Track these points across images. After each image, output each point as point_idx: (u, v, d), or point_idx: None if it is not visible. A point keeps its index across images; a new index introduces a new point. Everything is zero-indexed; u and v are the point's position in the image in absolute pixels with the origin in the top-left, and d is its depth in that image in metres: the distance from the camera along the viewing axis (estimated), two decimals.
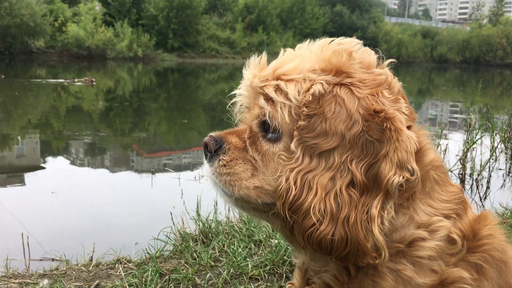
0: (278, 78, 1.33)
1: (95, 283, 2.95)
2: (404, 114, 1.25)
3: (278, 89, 1.32)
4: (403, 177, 1.18)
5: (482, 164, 7.38)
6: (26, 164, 8.77)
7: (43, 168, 8.40)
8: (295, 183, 1.22)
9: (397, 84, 1.36)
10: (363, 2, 77.10)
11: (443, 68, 68.81)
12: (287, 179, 1.24)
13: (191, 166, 8.61)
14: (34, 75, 29.20)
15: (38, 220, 5.57)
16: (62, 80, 24.36)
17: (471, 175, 7.35)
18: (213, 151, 1.40)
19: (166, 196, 6.85)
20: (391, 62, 1.42)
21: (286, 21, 64.62)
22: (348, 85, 1.26)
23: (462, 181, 7.20)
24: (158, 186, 7.56)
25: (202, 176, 7.81)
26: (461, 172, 7.38)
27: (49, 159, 9.35)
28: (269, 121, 1.33)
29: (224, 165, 1.37)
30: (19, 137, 10.98)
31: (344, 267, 1.31)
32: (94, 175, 8.30)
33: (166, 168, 8.57)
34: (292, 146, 1.26)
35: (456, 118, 16.36)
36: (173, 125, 13.58)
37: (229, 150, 1.39)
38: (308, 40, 1.43)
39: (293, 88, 1.29)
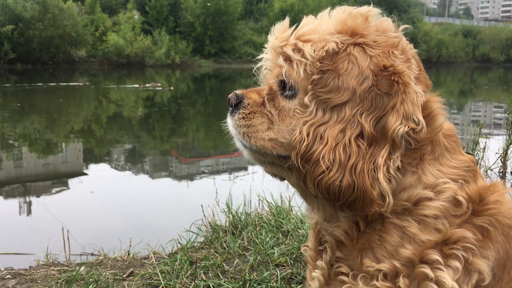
0: (297, 38, 1.42)
1: (129, 271, 3.07)
2: (414, 72, 1.30)
3: (295, 48, 1.40)
4: (408, 127, 1.24)
5: None
6: (70, 170, 9.07)
7: (86, 173, 8.68)
8: (307, 134, 1.30)
9: (411, 50, 1.40)
10: (401, 3, 75.84)
11: (485, 67, 66.95)
12: (300, 131, 1.32)
13: (229, 170, 8.70)
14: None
15: (79, 221, 5.78)
16: (136, 86, 26.95)
17: None
18: (234, 105, 1.51)
19: (201, 196, 6.97)
20: (405, 27, 1.47)
21: None
22: (361, 44, 1.33)
23: (503, 179, 7.02)
24: (195, 188, 7.72)
25: (236, 176, 7.93)
26: (501, 170, 7.19)
27: (91, 164, 9.65)
28: (285, 79, 1.41)
29: (243, 118, 1.47)
30: (63, 144, 11.39)
31: (354, 222, 1.36)
32: (134, 180, 8.51)
33: (203, 171, 8.72)
34: (306, 100, 1.34)
35: (500, 119, 15.88)
36: (210, 130, 13.71)
37: (249, 104, 1.49)
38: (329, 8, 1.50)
39: (310, 47, 1.37)
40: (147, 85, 26.91)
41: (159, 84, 27.15)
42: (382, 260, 1.30)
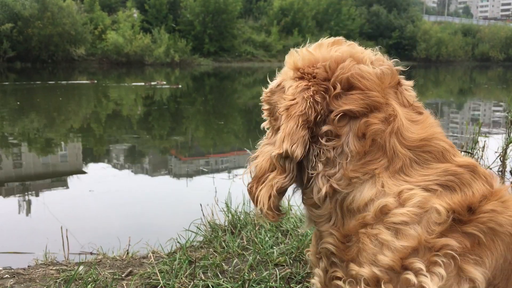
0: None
1: (128, 270, 3.07)
2: (311, 101, 1.46)
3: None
4: (278, 151, 1.46)
5: None
6: (69, 169, 9.07)
7: (85, 172, 8.67)
8: (259, 152, 1.59)
9: (345, 74, 1.48)
10: (400, 1, 75.64)
11: (485, 66, 66.94)
12: (256, 151, 1.63)
13: (228, 169, 8.70)
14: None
15: (78, 220, 5.77)
16: (142, 84, 27.83)
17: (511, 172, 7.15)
18: None
19: (200, 195, 6.95)
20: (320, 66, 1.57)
21: (321, 22, 64.22)
22: (294, 80, 1.55)
23: (502, 178, 7.02)
24: (194, 187, 7.71)
25: (236, 175, 7.93)
26: (500, 169, 7.19)
27: (91, 163, 9.65)
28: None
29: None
30: (63, 143, 11.38)
31: (330, 233, 1.47)
32: (133, 178, 8.50)
33: (202, 169, 8.71)
34: (265, 126, 1.65)
35: (499, 117, 15.89)
36: (210, 129, 13.71)
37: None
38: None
39: (271, 83, 1.67)
40: (152, 83, 27.53)
41: (164, 82, 27.80)
42: (363, 266, 1.35)
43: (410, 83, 1.59)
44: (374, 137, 1.41)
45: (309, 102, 1.44)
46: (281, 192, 1.50)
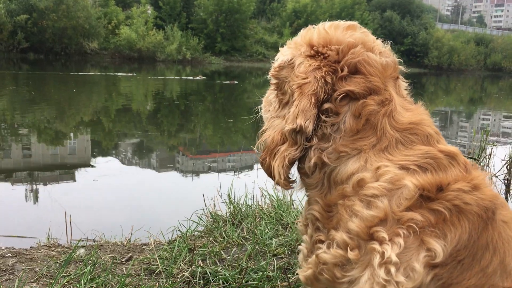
0: None
1: (128, 255, 3.11)
2: (322, 82, 1.56)
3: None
4: (290, 127, 1.56)
5: None
6: (77, 161, 9.13)
7: (93, 165, 8.73)
8: (268, 125, 1.70)
9: (353, 59, 1.59)
10: (414, 8, 75.32)
11: (497, 76, 66.46)
12: (265, 122, 1.74)
13: (235, 168, 8.72)
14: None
15: (84, 210, 5.81)
16: (191, 78, 31.18)
17: None
18: None
19: (205, 190, 6.97)
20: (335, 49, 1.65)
21: None
22: (305, 57, 1.64)
23: (508, 186, 7.01)
24: (199, 182, 7.75)
25: (241, 172, 7.97)
26: (506, 177, 7.18)
27: (99, 157, 9.70)
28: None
29: None
30: (71, 135, 11.46)
31: (316, 201, 1.59)
32: (140, 172, 8.54)
33: (209, 166, 8.75)
34: (272, 99, 1.74)
35: (509, 127, 15.81)
36: (218, 127, 13.75)
37: None
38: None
39: (280, 57, 1.75)
40: (196, 78, 30.36)
41: (205, 77, 30.45)
42: (338, 231, 1.47)
43: (405, 83, 1.72)
44: (368, 117, 1.53)
45: (321, 83, 1.56)
46: (292, 162, 1.62)
